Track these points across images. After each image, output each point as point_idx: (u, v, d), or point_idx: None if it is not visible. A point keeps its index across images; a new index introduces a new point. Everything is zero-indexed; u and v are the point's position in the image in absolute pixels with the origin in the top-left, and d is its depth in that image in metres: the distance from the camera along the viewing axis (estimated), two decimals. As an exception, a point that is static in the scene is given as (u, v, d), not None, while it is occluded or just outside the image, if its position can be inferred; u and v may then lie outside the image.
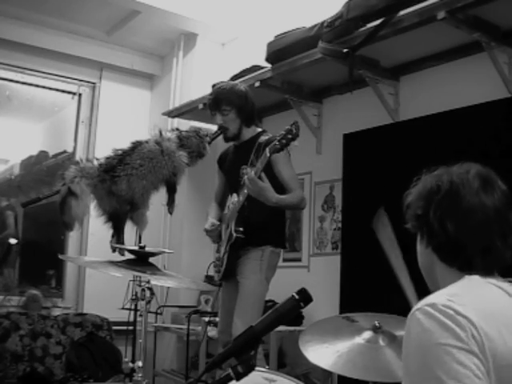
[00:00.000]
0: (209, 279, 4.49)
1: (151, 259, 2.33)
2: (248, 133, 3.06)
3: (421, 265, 1.30)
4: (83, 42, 5.27)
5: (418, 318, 1.06)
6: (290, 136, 2.55)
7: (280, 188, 2.87)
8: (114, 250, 2.95)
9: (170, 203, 3.21)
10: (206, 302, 4.64)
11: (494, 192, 1.19)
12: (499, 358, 1.02)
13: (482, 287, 1.15)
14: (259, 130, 3.10)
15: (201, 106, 4.67)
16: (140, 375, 2.19)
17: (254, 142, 2.98)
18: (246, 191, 2.81)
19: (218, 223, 3.09)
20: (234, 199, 3.01)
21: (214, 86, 4.52)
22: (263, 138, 2.95)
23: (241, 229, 2.92)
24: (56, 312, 4.93)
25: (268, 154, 2.61)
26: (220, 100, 3.01)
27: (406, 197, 1.29)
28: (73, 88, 5.51)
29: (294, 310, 1.21)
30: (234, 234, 2.91)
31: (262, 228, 2.95)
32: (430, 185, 1.23)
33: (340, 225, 4.03)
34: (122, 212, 3.06)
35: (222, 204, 3.27)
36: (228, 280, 3.05)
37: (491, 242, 1.17)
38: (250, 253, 2.94)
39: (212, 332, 3.86)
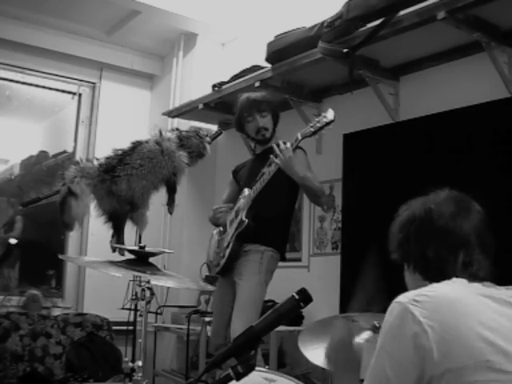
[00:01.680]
0: (209, 279, 4.50)
1: (151, 259, 2.33)
2: (273, 139, 3.15)
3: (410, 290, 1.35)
4: (83, 41, 5.27)
5: (389, 310, 1.16)
6: (325, 120, 2.65)
7: (295, 188, 2.91)
8: (114, 250, 2.96)
9: (170, 203, 3.22)
10: (206, 302, 4.64)
11: (470, 213, 1.26)
12: (452, 360, 1.05)
13: (459, 287, 1.18)
14: (280, 141, 3.16)
15: (201, 106, 4.67)
16: (140, 374, 2.19)
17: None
18: (266, 176, 2.87)
19: (229, 206, 3.13)
20: (245, 193, 3.02)
21: (214, 86, 4.56)
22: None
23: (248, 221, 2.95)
24: (56, 312, 4.93)
25: (300, 137, 2.75)
26: (260, 103, 3.10)
27: (390, 230, 1.38)
28: (73, 88, 5.51)
29: (293, 310, 1.21)
30: (246, 220, 2.92)
31: (268, 227, 2.96)
32: (407, 215, 1.32)
33: (340, 225, 4.03)
34: (122, 212, 3.07)
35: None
36: (224, 277, 3.05)
37: (470, 258, 1.24)
38: (250, 254, 2.95)
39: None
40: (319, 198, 3.07)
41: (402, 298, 1.15)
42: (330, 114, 2.70)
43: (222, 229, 3.14)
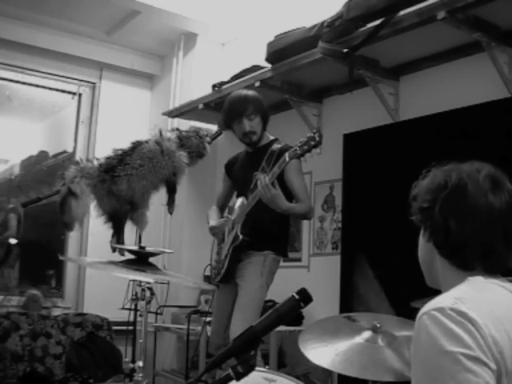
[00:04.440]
0: (209, 279, 4.50)
1: (151, 259, 2.33)
2: (263, 139, 3.08)
3: (421, 258, 1.28)
4: (83, 42, 5.27)
5: (426, 324, 1.04)
6: (312, 143, 2.59)
7: (288, 195, 2.89)
8: (114, 250, 2.96)
9: (170, 203, 3.22)
10: (206, 301, 4.64)
11: (502, 194, 1.17)
12: (507, 361, 1.01)
13: (486, 288, 1.14)
14: (272, 137, 3.11)
15: (201, 106, 4.67)
16: (140, 375, 2.19)
17: (267, 149, 2.99)
18: (258, 193, 2.82)
19: (223, 220, 3.09)
20: (240, 203, 3.00)
21: (214, 86, 4.57)
22: (276, 146, 2.98)
23: (246, 232, 2.92)
24: (56, 312, 4.93)
25: (287, 159, 2.65)
26: (245, 106, 3.00)
27: (413, 188, 1.27)
28: (73, 88, 5.51)
29: (293, 310, 1.21)
30: (241, 236, 2.91)
31: (267, 232, 2.95)
32: (439, 180, 1.20)
33: (340, 225, 4.03)
34: (122, 212, 3.07)
35: (222, 209, 3.26)
36: (226, 282, 3.05)
37: (492, 245, 1.16)
38: (253, 257, 2.94)
39: (212, 332, 3.86)
40: (305, 218, 3.06)
41: (436, 304, 1.06)
42: (317, 136, 2.60)
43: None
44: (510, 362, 1.01)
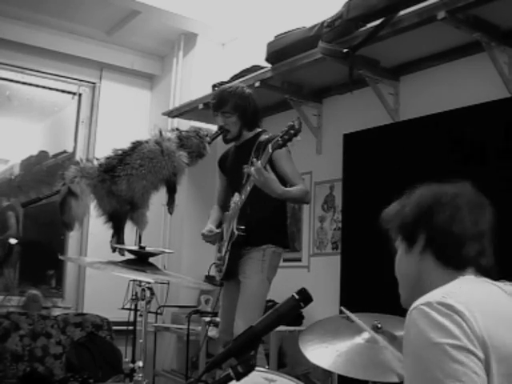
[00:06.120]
0: (209, 279, 4.50)
1: (151, 259, 2.33)
2: (249, 134, 3.08)
3: (403, 274, 1.31)
4: (83, 42, 5.28)
5: (414, 318, 1.07)
6: (292, 131, 2.58)
7: (282, 185, 2.89)
8: (114, 250, 2.96)
9: (170, 203, 3.21)
10: (206, 302, 4.64)
11: (487, 207, 1.28)
12: (498, 352, 1.02)
13: (476, 284, 1.17)
14: (259, 129, 3.11)
15: (201, 106, 4.67)
16: (140, 375, 2.19)
17: (254, 141, 2.99)
18: (248, 188, 2.82)
19: (217, 230, 3.09)
20: (235, 198, 3.01)
21: (214, 86, 4.57)
22: (263, 137, 2.97)
23: (242, 227, 2.92)
24: (56, 312, 4.93)
25: (270, 150, 2.64)
26: (222, 102, 3.03)
27: (384, 213, 1.35)
28: (73, 88, 5.51)
29: (294, 310, 1.21)
30: (236, 232, 2.91)
31: (264, 226, 2.95)
32: (429, 197, 1.30)
33: (340, 225, 4.03)
34: (122, 212, 3.06)
35: (224, 207, 3.26)
36: (229, 279, 3.05)
37: (484, 245, 1.22)
38: (252, 253, 2.95)
39: (212, 332, 3.86)
40: (303, 201, 3.05)
41: (425, 299, 1.08)
42: (297, 124, 2.56)
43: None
44: (501, 351, 1.02)
